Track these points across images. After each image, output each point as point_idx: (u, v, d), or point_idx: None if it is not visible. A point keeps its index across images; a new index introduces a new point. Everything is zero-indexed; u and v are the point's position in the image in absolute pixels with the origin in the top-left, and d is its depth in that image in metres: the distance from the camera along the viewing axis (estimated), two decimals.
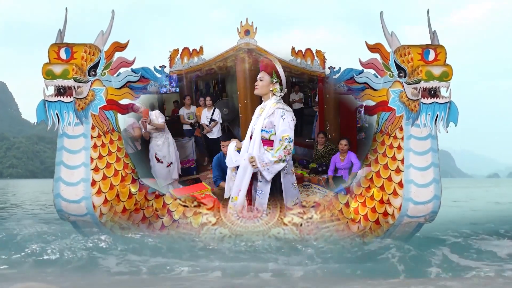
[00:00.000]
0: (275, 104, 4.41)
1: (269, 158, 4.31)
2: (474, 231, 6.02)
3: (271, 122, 4.37)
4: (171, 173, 5.97)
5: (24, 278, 3.55)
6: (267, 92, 4.48)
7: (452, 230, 5.89)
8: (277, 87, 4.45)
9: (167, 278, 3.64)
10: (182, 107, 6.94)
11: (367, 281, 3.58)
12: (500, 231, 6.11)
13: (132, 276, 3.71)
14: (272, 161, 4.29)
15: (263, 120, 4.40)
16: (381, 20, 4.54)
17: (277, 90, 4.45)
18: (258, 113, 4.54)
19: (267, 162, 4.30)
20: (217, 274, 3.69)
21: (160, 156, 5.94)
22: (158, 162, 5.94)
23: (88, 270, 3.82)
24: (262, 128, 4.40)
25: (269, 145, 4.40)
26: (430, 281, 3.60)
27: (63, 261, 3.95)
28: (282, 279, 3.61)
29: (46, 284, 3.40)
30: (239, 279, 3.58)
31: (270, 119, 4.38)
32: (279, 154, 4.28)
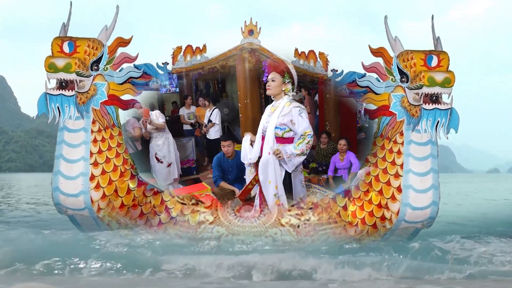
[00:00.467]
0: (289, 104, 4.46)
1: (291, 150, 4.38)
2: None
3: (290, 121, 4.42)
4: (171, 173, 5.97)
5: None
6: (279, 92, 4.52)
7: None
8: (289, 87, 4.51)
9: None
10: (183, 107, 6.94)
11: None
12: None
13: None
14: (295, 154, 4.36)
15: (277, 118, 4.43)
16: (385, 25, 4.54)
17: (289, 90, 4.51)
18: (270, 111, 4.57)
19: (290, 154, 4.37)
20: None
21: (160, 156, 5.94)
22: (158, 162, 5.94)
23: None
24: (276, 125, 4.44)
25: (281, 143, 4.44)
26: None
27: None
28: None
29: (46, 285, 3.39)
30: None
31: (286, 118, 4.42)
32: (301, 148, 4.35)
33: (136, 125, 5.89)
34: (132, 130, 5.86)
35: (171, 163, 5.97)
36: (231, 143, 5.21)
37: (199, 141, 7.03)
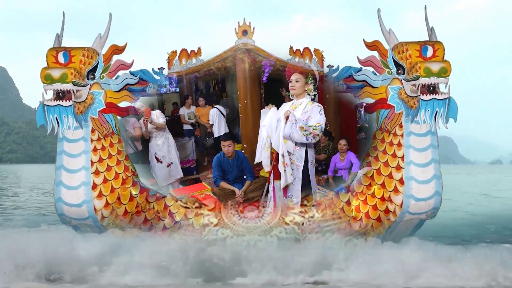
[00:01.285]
0: (311, 103, 4.56)
1: (300, 120, 4.40)
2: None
3: (309, 117, 4.47)
4: (171, 173, 5.96)
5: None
6: (302, 92, 4.60)
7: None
8: (311, 87, 4.60)
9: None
10: (183, 107, 6.96)
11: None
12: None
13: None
14: (300, 125, 4.36)
15: (300, 115, 4.49)
16: (378, 18, 4.53)
17: (310, 90, 4.60)
18: (291, 108, 4.61)
19: (297, 119, 4.39)
20: None
21: (159, 156, 5.93)
22: (158, 162, 5.93)
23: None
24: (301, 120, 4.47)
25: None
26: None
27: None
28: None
29: (46, 285, 3.41)
30: None
31: (306, 114, 4.49)
32: (308, 128, 4.36)
33: (137, 124, 5.89)
34: (132, 130, 5.86)
35: (171, 163, 5.96)
36: (231, 143, 5.20)
37: (199, 141, 7.04)
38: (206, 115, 6.84)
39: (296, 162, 4.51)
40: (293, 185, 4.52)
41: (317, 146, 6.07)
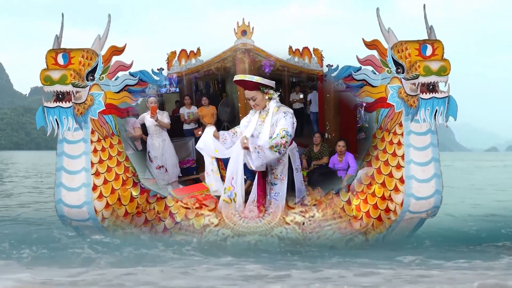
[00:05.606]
0: (277, 109, 4.43)
1: (263, 142, 4.23)
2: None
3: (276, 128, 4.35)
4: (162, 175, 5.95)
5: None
6: (265, 102, 4.49)
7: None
8: (271, 92, 4.48)
9: None
10: (183, 107, 6.98)
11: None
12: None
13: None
14: (267, 146, 4.17)
15: (269, 128, 4.37)
16: (377, 17, 4.53)
17: (272, 94, 4.48)
18: (260, 120, 4.50)
19: (260, 145, 4.19)
20: None
21: (152, 155, 5.94)
22: (149, 160, 5.94)
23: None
24: (270, 135, 4.35)
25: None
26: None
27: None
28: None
29: (37, 276, 3.42)
30: None
31: (274, 125, 4.37)
32: (275, 141, 4.19)
33: (136, 125, 5.90)
34: (132, 130, 5.87)
35: (162, 166, 5.95)
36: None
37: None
38: (209, 115, 6.85)
39: (280, 176, 4.46)
40: (275, 201, 4.49)
41: (312, 152, 6.07)
